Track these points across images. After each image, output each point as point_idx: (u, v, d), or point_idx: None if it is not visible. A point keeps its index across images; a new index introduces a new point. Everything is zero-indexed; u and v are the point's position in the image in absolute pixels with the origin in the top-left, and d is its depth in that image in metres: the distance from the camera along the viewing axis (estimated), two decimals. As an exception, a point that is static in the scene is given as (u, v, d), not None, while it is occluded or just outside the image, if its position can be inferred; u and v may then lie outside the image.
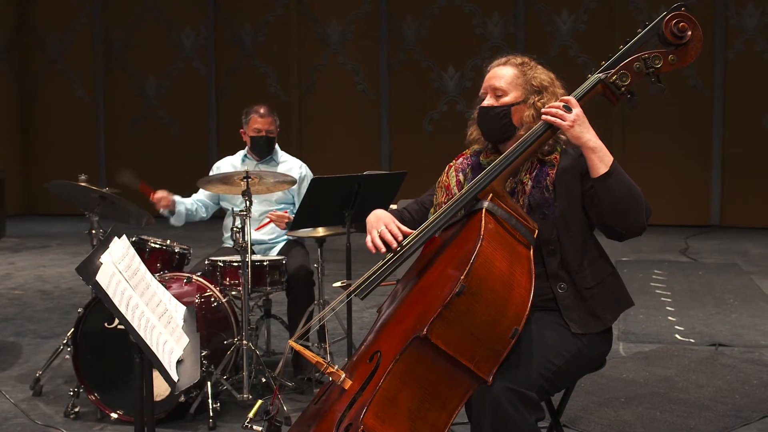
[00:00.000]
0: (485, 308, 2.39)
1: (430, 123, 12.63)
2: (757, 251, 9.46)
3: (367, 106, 12.82)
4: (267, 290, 4.60)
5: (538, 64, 2.91)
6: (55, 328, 6.15)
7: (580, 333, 2.67)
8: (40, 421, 4.18)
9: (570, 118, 2.63)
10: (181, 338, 2.38)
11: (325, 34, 12.93)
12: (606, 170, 2.61)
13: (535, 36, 12.07)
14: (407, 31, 12.66)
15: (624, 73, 2.71)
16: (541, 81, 2.83)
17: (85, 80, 13.65)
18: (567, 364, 2.63)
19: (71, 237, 11.16)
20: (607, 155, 2.64)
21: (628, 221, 2.64)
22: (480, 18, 12.37)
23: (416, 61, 12.65)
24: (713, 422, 4.15)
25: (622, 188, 2.62)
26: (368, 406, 2.34)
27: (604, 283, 2.78)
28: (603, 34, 11.69)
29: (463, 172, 2.96)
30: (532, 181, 2.77)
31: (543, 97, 2.80)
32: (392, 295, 2.81)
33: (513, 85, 2.83)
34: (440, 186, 3.01)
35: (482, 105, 2.87)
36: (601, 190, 2.62)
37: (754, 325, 6.06)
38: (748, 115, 11.28)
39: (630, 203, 2.62)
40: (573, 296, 2.72)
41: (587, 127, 2.65)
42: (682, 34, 2.71)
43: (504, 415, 2.42)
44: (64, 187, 4.74)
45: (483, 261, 2.41)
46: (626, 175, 2.66)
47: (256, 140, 5.04)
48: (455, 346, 2.37)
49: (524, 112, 2.81)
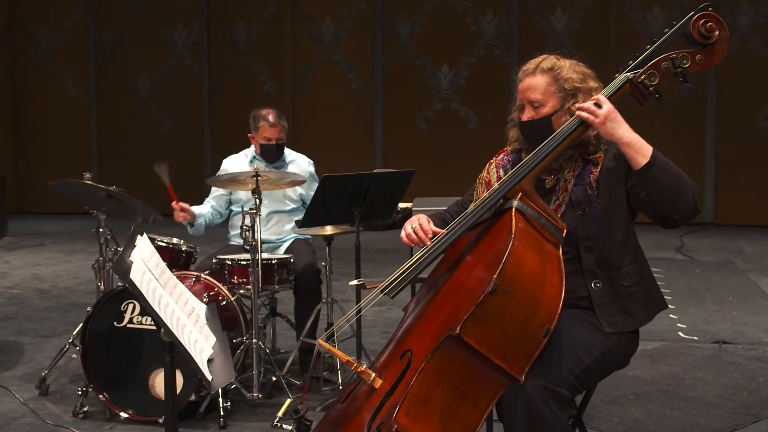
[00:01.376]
0: (518, 307, 2.39)
1: (424, 121, 12.63)
2: (753, 249, 9.50)
3: (361, 104, 12.81)
4: (275, 289, 4.58)
5: (565, 60, 2.89)
6: (55, 327, 6.11)
7: (611, 332, 2.68)
8: (50, 421, 4.15)
9: (602, 114, 2.63)
10: (208, 336, 2.36)
11: (319, 32, 12.91)
12: (646, 161, 2.61)
13: (529, 34, 12.07)
14: (401, 29, 12.65)
15: (652, 73, 2.71)
16: (573, 83, 2.83)
17: (77, 78, 13.57)
18: (596, 362, 2.63)
19: (64, 235, 11.11)
20: (644, 147, 2.63)
21: (680, 206, 2.63)
22: (474, 16, 12.37)
23: (410, 59, 12.64)
24: (723, 419, 4.16)
25: (667, 176, 2.61)
26: (401, 405, 2.33)
27: (642, 283, 2.79)
28: (597, 33, 11.71)
29: (504, 168, 2.97)
30: (574, 178, 2.78)
31: (578, 99, 2.81)
32: (419, 295, 2.80)
33: (548, 95, 2.84)
34: (481, 182, 3.03)
35: (523, 120, 2.87)
36: (646, 181, 2.62)
37: (755, 323, 6.08)
38: (742, 113, 11.32)
39: (677, 188, 2.61)
40: (608, 294, 2.72)
41: (619, 122, 2.65)
42: (709, 34, 2.71)
43: (537, 413, 2.42)
44: (70, 185, 4.71)
45: (515, 260, 2.41)
46: (669, 162, 2.65)
47: (266, 148, 5.03)
48: (488, 345, 2.37)
49: (563, 118, 2.81)
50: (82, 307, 6.78)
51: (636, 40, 11.61)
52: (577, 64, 2.91)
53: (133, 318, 4.16)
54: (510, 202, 2.61)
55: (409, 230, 2.76)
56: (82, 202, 4.73)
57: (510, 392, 2.44)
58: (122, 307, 4.18)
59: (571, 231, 2.69)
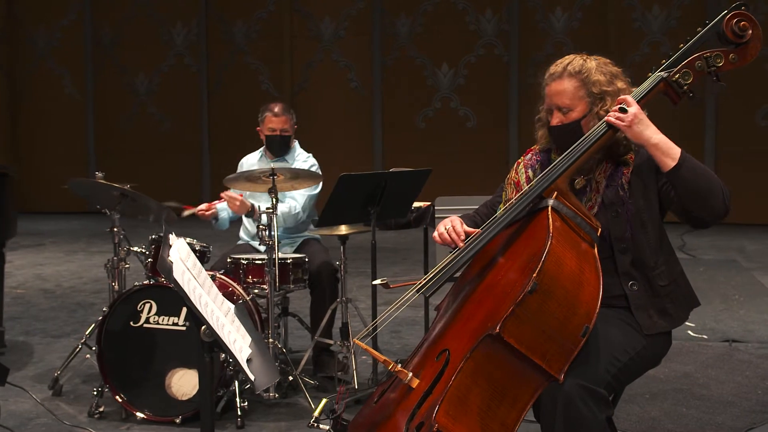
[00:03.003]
0: (557, 306, 2.38)
1: (424, 120, 12.63)
2: (755, 247, 9.53)
3: (361, 103, 12.80)
4: (290, 288, 4.56)
5: (592, 62, 2.87)
6: (63, 327, 6.09)
7: (650, 334, 2.68)
8: (66, 422, 4.12)
9: (627, 118, 2.63)
10: (245, 336, 2.35)
11: (317, 31, 12.89)
12: (675, 163, 2.61)
13: (529, 33, 12.08)
14: (401, 27, 12.65)
15: (686, 72, 2.71)
16: (600, 86, 2.81)
17: (75, 77, 13.53)
18: (632, 361, 2.63)
19: (64, 235, 11.07)
20: (672, 148, 2.64)
21: (710, 206, 2.63)
22: (473, 15, 12.38)
23: (410, 58, 12.64)
24: (740, 418, 4.17)
25: (695, 177, 2.61)
26: (440, 404, 2.32)
27: (677, 282, 2.80)
28: (597, 31, 11.74)
29: (533, 168, 2.96)
30: (606, 179, 2.78)
31: (606, 102, 2.79)
32: (452, 294, 2.79)
33: (576, 99, 2.82)
34: (509, 183, 3.02)
35: (552, 125, 2.86)
36: (675, 182, 2.62)
37: (763, 321, 6.09)
38: (742, 112, 11.35)
39: (706, 189, 2.61)
40: (645, 294, 2.72)
41: (646, 124, 2.65)
42: (743, 33, 2.71)
43: (576, 413, 2.41)
44: (83, 185, 4.68)
45: (554, 259, 2.40)
46: (698, 163, 2.65)
47: (270, 139, 5.01)
48: (527, 344, 2.36)
49: (591, 122, 2.81)
50: (88, 306, 6.76)
51: (635, 39, 11.65)
52: (605, 64, 2.88)
53: (150, 318, 4.14)
54: (545, 201, 2.60)
55: (442, 230, 2.77)
56: (95, 202, 4.69)
57: (548, 392, 2.43)
58: (138, 306, 4.15)
59: (605, 232, 2.69)
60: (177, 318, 4.11)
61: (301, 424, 4.15)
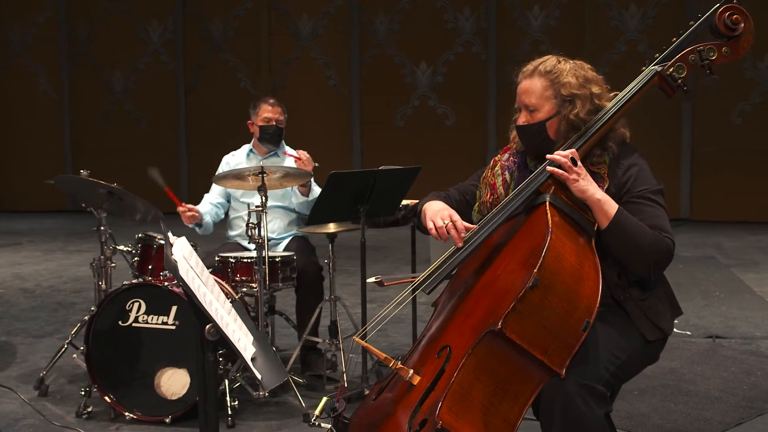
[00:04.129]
0: (558, 301, 2.39)
1: (402, 118, 12.64)
2: (732, 244, 9.63)
3: (339, 101, 12.79)
4: (279, 287, 4.55)
5: (567, 63, 2.81)
6: (45, 327, 6.03)
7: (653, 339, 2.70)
8: (55, 422, 4.08)
9: (579, 171, 2.60)
10: (247, 334, 2.34)
11: (295, 29, 12.86)
12: (606, 224, 2.59)
13: (506, 31, 12.12)
14: (379, 25, 12.64)
15: (680, 65, 2.73)
16: (570, 89, 2.74)
17: (50, 75, 13.40)
18: (630, 359, 2.64)
19: (40, 234, 10.97)
20: (611, 207, 2.60)
21: (633, 270, 2.64)
22: (452, 13, 12.40)
23: (388, 56, 12.64)
24: (728, 413, 4.21)
25: (621, 243, 2.59)
26: (443, 401, 2.32)
27: (663, 285, 2.80)
28: (574, 30, 11.79)
29: (509, 170, 2.93)
30: None
31: (575, 106, 2.74)
32: (449, 290, 2.79)
33: (543, 99, 2.77)
34: (485, 183, 2.97)
35: (518, 124, 2.84)
36: (606, 241, 2.61)
37: (745, 317, 6.16)
38: (717, 111, 11.45)
39: (633, 254, 2.60)
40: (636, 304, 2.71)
41: (590, 180, 2.63)
42: (735, 27, 2.73)
43: (575, 411, 2.42)
44: (70, 181, 4.62)
45: (554, 254, 2.41)
46: (632, 225, 2.60)
47: (265, 129, 4.99)
48: (529, 340, 2.37)
49: (557, 125, 2.78)
50: (69, 306, 6.70)
51: (613, 37, 11.72)
52: (580, 67, 2.81)
53: (138, 317, 4.11)
54: (543, 197, 2.60)
55: (440, 224, 2.72)
56: (81, 200, 4.64)
57: (548, 389, 2.43)
58: (127, 306, 4.12)
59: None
60: (166, 317, 4.08)
61: (292, 422, 4.14)
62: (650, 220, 2.65)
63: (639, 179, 2.73)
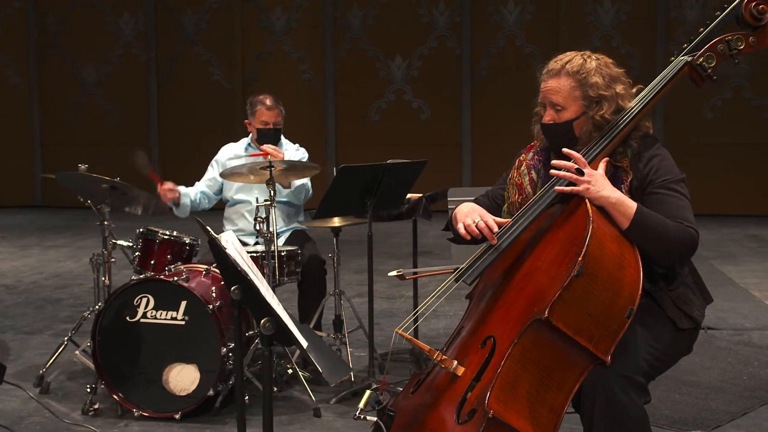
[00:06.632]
0: (602, 289, 2.42)
1: (377, 112, 12.62)
2: (709, 237, 9.75)
3: (314, 95, 12.73)
4: (284, 281, 4.52)
5: (593, 62, 2.80)
6: (33, 324, 5.94)
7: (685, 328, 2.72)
8: (65, 420, 4.02)
9: (584, 181, 2.59)
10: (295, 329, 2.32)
11: (269, 22, 12.77)
12: (627, 224, 2.58)
13: (481, 26, 12.15)
14: (353, 19, 12.61)
15: (710, 55, 2.76)
16: (598, 90, 2.75)
17: (20, 66, 13.18)
18: (665, 349, 2.66)
19: (13, 229, 10.79)
20: (628, 208, 2.59)
21: (661, 263, 2.65)
22: (426, 7, 12.40)
23: (362, 50, 12.61)
24: (733, 403, 4.27)
25: (644, 240, 2.59)
26: (491, 390, 2.33)
27: (693, 272, 2.83)
28: (549, 25, 11.86)
29: (536, 169, 2.93)
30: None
31: (602, 107, 2.74)
32: (484, 282, 2.79)
33: (571, 99, 2.76)
34: (512, 183, 2.96)
35: (544, 122, 2.83)
36: (631, 238, 2.60)
37: (732, 309, 6.25)
38: (690, 105, 11.59)
39: (657, 249, 2.60)
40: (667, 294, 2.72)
41: (602, 184, 2.61)
42: (761, 16, 2.77)
43: (616, 401, 2.44)
44: (72, 177, 4.54)
45: (597, 242, 2.44)
46: (653, 221, 2.60)
47: (263, 132, 4.95)
48: (575, 328, 2.39)
49: (583, 125, 2.79)
50: (55, 302, 6.61)
51: (587, 33, 11.80)
52: (605, 65, 2.81)
53: (147, 312, 4.06)
54: None
55: (469, 222, 2.70)
56: (82, 195, 4.56)
57: (588, 381, 2.45)
58: (135, 301, 4.07)
59: None
60: (175, 312, 4.04)
61: (302, 417, 4.13)
62: (672, 210, 2.67)
63: (661, 169, 2.75)
